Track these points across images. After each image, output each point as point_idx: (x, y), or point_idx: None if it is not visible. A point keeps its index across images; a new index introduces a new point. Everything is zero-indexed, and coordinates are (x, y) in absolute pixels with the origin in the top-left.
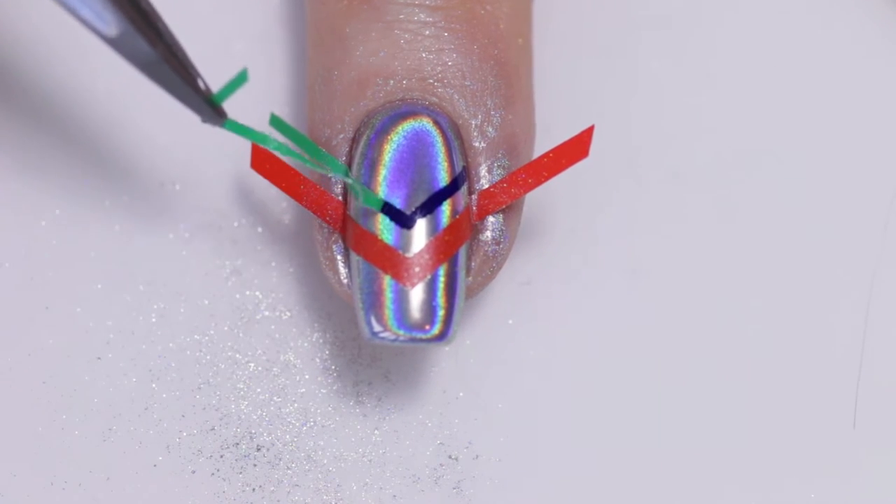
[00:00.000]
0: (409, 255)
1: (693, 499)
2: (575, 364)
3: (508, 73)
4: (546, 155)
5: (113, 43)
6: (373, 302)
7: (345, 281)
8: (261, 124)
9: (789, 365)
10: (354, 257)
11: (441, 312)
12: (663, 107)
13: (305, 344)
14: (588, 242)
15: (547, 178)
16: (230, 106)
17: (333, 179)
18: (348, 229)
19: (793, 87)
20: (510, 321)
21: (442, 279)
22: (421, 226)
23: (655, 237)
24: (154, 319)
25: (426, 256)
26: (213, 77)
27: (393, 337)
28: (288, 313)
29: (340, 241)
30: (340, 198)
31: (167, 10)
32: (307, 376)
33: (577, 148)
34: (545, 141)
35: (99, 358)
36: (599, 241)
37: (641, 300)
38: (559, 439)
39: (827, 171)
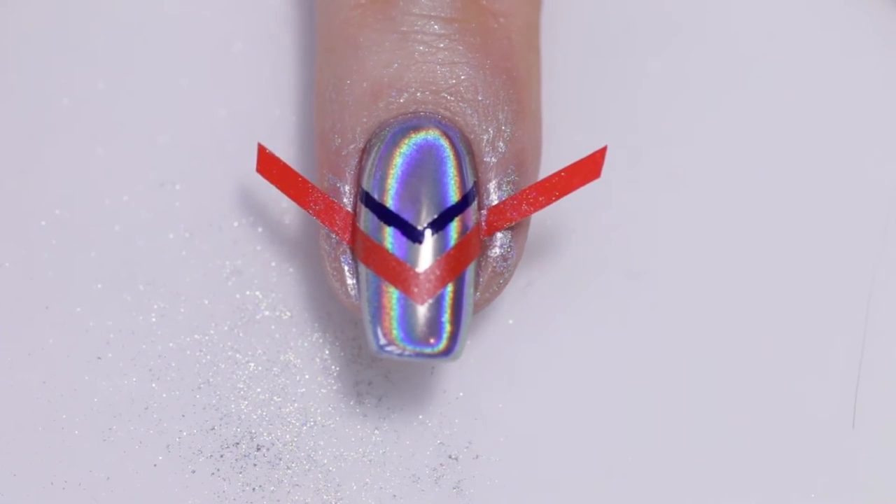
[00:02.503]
0: (419, 270)
1: (693, 498)
2: (575, 364)
3: (519, 88)
4: (558, 174)
5: None
6: (380, 316)
7: (352, 293)
8: (264, 125)
9: (789, 365)
10: (363, 269)
11: (448, 328)
12: (663, 107)
13: (305, 344)
14: (588, 243)
15: (558, 198)
16: (233, 110)
17: (343, 190)
18: (358, 241)
19: (793, 88)
20: (510, 321)
21: (449, 295)
22: (430, 241)
23: (655, 237)
24: (154, 319)
25: (436, 273)
26: (212, 77)
27: (399, 351)
28: (288, 313)
29: (349, 252)
30: (350, 209)
31: (167, 9)
32: (307, 376)
33: (589, 168)
34: (548, 142)
35: (99, 358)
36: (599, 241)
37: (641, 300)
38: (559, 439)
39: (827, 171)
